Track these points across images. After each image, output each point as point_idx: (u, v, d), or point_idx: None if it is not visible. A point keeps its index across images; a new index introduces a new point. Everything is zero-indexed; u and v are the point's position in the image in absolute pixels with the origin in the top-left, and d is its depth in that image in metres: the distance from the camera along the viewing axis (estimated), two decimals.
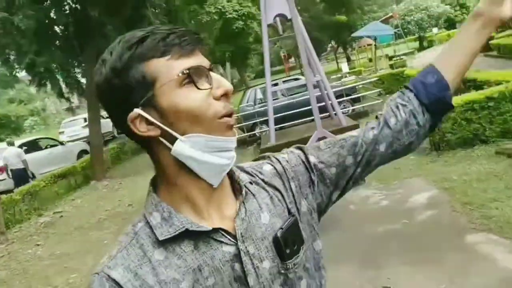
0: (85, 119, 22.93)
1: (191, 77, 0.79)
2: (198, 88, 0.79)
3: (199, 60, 0.81)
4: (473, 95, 7.10)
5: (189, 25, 20.94)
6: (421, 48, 33.51)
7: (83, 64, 15.07)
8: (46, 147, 16.08)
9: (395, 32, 33.22)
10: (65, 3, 13.56)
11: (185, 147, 0.80)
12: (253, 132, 13.49)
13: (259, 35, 11.25)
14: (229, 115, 0.83)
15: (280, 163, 0.99)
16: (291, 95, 13.69)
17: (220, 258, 0.83)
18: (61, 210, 10.78)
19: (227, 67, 36.79)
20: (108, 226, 8.38)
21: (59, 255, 7.41)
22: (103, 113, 15.96)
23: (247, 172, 0.95)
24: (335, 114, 11.12)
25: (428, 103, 0.99)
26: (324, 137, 5.08)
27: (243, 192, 0.89)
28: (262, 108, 12.82)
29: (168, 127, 0.80)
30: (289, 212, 0.93)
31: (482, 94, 6.97)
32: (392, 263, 4.31)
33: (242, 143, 13.21)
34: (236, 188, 0.91)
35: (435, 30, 39.95)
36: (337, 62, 36.26)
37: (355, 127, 10.71)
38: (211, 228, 0.82)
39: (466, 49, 1.02)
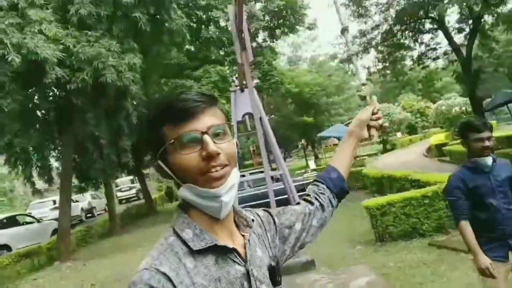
0: (54, 201, 23.08)
1: (180, 144, 1.03)
2: (183, 154, 1.02)
3: (195, 123, 1.04)
4: (411, 193, 8.06)
5: None
6: (384, 151, 35.48)
7: (59, 148, 15.69)
8: (23, 223, 16.76)
9: None
10: (50, 90, 14.46)
11: (186, 192, 1.06)
12: None
13: (232, 131, 12.23)
14: (212, 171, 1.02)
15: (259, 217, 1.29)
16: (257, 186, 14.50)
17: (234, 274, 1.04)
18: None
19: None
20: None
21: None
22: (74, 196, 16.36)
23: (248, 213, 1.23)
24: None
25: (336, 191, 1.46)
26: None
27: (250, 227, 1.17)
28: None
29: (175, 176, 1.06)
30: (272, 254, 1.21)
31: (419, 192, 7.94)
32: None
33: None
34: (241, 222, 1.17)
35: (398, 134, 42.52)
36: (306, 159, 37.80)
37: None
38: (231, 247, 1.06)
39: (347, 154, 1.52)
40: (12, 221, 16.60)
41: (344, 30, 1.70)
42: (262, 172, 15.24)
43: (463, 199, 2.96)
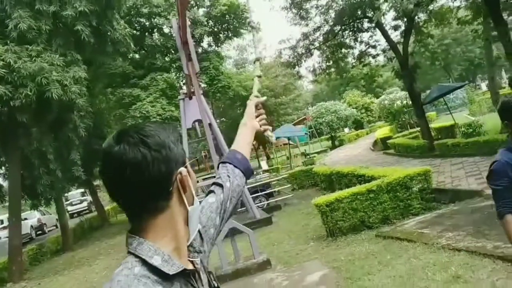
0: (1, 221, 22.27)
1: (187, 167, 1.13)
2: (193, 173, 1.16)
3: None
4: (356, 188, 8.52)
5: (114, 128, 21.80)
6: (333, 147, 36.52)
7: (6, 165, 15.22)
8: None
9: (310, 132, 36.13)
10: None
11: (196, 205, 1.13)
12: None
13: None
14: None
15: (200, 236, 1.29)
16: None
17: None
18: None
19: None
20: None
21: None
22: (22, 214, 15.89)
23: None
24: (251, 208, 12.23)
25: (243, 169, 1.55)
26: (235, 228, 6.18)
27: (199, 252, 1.22)
28: None
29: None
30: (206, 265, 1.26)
31: (364, 187, 8.41)
32: None
33: None
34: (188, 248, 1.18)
35: (346, 130, 43.84)
36: (258, 160, 38.17)
37: (268, 220, 11.84)
38: (195, 269, 1.13)
39: (246, 143, 1.64)
40: None
41: (256, 60, 1.92)
42: (214, 177, 15.47)
43: (510, 188, 2.48)
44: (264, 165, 28.71)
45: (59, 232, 19.63)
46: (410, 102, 21.83)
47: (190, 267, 1.12)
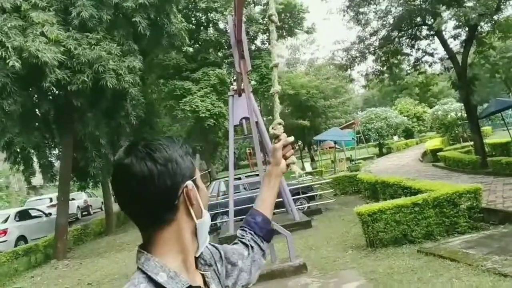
0: (50, 199, 23.27)
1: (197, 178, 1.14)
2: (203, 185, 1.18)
3: None
4: (401, 200, 8.29)
5: (164, 119, 22.27)
6: (380, 154, 35.76)
7: (60, 146, 15.87)
8: (34, 217, 17.77)
9: (357, 137, 35.56)
10: (50, 90, 14.65)
11: (206, 219, 1.13)
12: (214, 222, 14.23)
13: (228, 132, 12.54)
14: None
15: (211, 252, 1.28)
16: (252, 189, 14.70)
17: None
18: (19, 286, 10.99)
19: (197, 159, 38.04)
20: None
21: None
22: (70, 194, 16.56)
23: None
24: (291, 210, 12.19)
25: (263, 234, 1.49)
26: (275, 230, 6.17)
27: (210, 265, 1.22)
28: (224, 200, 13.68)
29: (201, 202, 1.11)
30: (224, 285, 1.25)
31: (409, 200, 8.16)
32: None
33: None
34: (199, 261, 1.19)
35: (395, 138, 42.84)
36: (302, 162, 38.00)
37: (308, 223, 11.74)
38: (201, 285, 1.12)
39: (269, 195, 1.53)
40: (25, 215, 17.75)
41: (274, 66, 1.83)
42: (257, 175, 15.51)
43: None
44: (308, 166, 28.58)
45: (103, 215, 20.32)
46: (465, 115, 21.03)
47: (199, 281, 1.13)
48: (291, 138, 1.57)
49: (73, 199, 22.96)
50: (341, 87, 36.66)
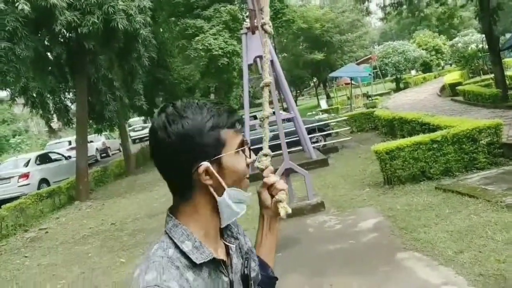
0: (69, 142, 23.67)
1: (244, 149, 1.11)
2: (246, 159, 1.11)
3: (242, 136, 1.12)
4: (420, 137, 8.17)
5: (177, 59, 21.97)
6: (397, 89, 35.16)
7: (74, 90, 15.90)
8: (54, 160, 18.35)
9: (374, 72, 34.86)
10: (61, 33, 14.45)
11: (226, 197, 1.07)
12: None
13: (242, 71, 12.35)
14: (248, 177, 1.14)
15: (237, 226, 1.26)
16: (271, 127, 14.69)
17: (222, 286, 1.07)
18: (46, 227, 11.40)
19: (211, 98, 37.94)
20: (92, 242, 9.09)
21: (46, 265, 8.10)
22: (88, 137, 16.79)
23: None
24: (307, 148, 12.18)
25: (263, 281, 1.29)
26: (291, 169, 6.18)
27: (236, 238, 1.20)
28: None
29: (223, 179, 1.06)
30: (243, 261, 1.19)
31: (427, 137, 8.04)
32: (335, 273, 5.21)
33: None
34: (226, 232, 1.18)
35: (413, 72, 41.90)
36: (318, 98, 37.65)
37: (324, 161, 11.77)
38: (222, 259, 1.10)
39: (266, 242, 1.34)
40: (46, 158, 18.28)
41: (265, 86, 1.55)
42: (273, 114, 15.43)
43: None
44: (324, 104, 28.37)
45: (122, 156, 20.67)
46: (486, 47, 20.31)
47: (221, 254, 1.12)
48: (272, 175, 1.31)
49: (91, 141, 23.33)
50: (358, 21, 35.48)
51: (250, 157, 1.13)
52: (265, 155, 1.38)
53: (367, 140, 13.99)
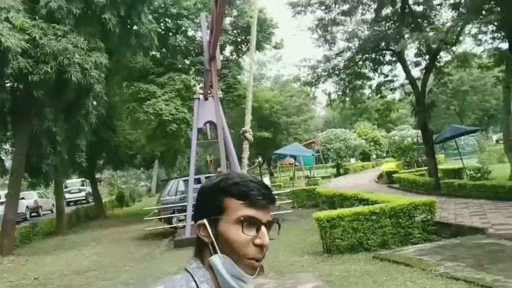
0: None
1: (243, 223, 1.08)
2: (243, 233, 1.08)
3: (262, 214, 1.10)
4: (359, 208, 8.47)
5: (124, 122, 21.87)
6: (338, 174, 36.38)
7: (12, 141, 15.30)
8: None
9: (317, 156, 36.06)
10: (9, 80, 14.12)
11: (218, 262, 1.09)
12: (172, 226, 14.02)
13: (190, 139, 12.47)
14: (257, 260, 1.10)
15: None
16: None
17: None
18: None
19: (155, 166, 37.44)
20: None
21: None
22: (21, 193, 15.93)
23: None
24: None
25: None
26: None
27: None
28: (182, 202, 13.53)
29: (216, 242, 1.09)
30: None
31: (367, 208, 8.35)
32: None
33: (157, 235, 13.69)
34: None
35: (353, 160, 43.73)
36: (261, 176, 38.09)
37: None
38: None
39: None
40: None
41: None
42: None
43: None
44: (266, 180, 28.65)
45: (53, 217, 19.63)
46: (421, 140, 21.77)
47: None
48: None
49: (22, 198, 22.07)
50: (304, 105, 37.20)
51: (260, 237, 1.09)
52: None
53: (307, 215, 14.15)
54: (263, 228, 1.09)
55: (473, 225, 8.80)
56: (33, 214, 25.41)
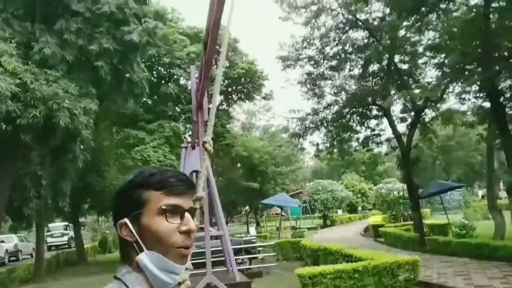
0: None
1: (166, 212, 1.06)
2: (167, 221, 1.06)
3: (184, 201, 1.10)
4: (342, 265, 8.39)
5: (112, 167, 21.77)
6: (324, 225, 36.15)
7: None
8: None
9: (304, 207, 35.96)
10: None
11: (145, 259, 1.06)
12: None
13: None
14: (186, 247, 1.08)
15: None
16: (196, 242, 14.39)
17: None
18: None
19: None
20: None
21: None
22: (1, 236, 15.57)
23: None
24: (232, 269, 11.95)
25: None
26: (212, 284, 6.08)
27: None
28: None
29: (140, 239, 1.06)
30: None
31: (350, 266, 8.28)
32: None
33: None
34: None
35: (339, 211, 43.64)
36: (248, 225, 37.72)
37: (247, 285, 11.51)
38: None
39: None
40: None
41: (197, 200, 1.81)
42: (201, 228, 15.24)
43: None
44: (252, 230, 28.32)
45: (33, 262, 19.10)
46: (407, 195, 21.90)
47: None
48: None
49: (2, 241, 21.57)
50: (293, 155, 37.49)
51: (185, 224, 1.08)
52: (187, 268, 1.40)
53: (292, 269, 13.81)
54: (187, 214, 1.08)
55: (457, 286, 8.73)
56: (12, 258, 24.74)
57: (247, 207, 41.64)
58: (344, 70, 20.98)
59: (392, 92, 18.51)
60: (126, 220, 1.08)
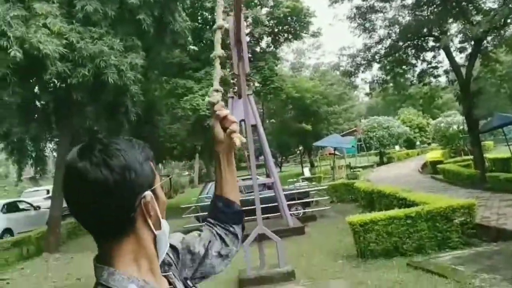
0: (47, 191, 23.22)
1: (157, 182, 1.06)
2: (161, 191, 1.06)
3: None
4: (394, 212, 8.21)
5: (165, 116, 22.20)
6: (381, 163, 35.64)
7: (57, 139, 15.84)
8: (22, 210, 17.80)
9: (359, 145, 35.45)
10: (51, 82, 14.59)
11: (166, 229, 1.05)
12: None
13: None
14: None
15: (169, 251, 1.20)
16: (248, 192, 14.62)
17: None
18: (8, 277, 10.93)
19: (196, 159, 37.94)
20: None
21: None
22: None
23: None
24: (285, 215, 12.11)
25: (229, 219, 1.37)
26: (263, 234, 6.08)
27: (171, 265, 1.19)
28: None
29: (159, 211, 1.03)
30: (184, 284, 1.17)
31: (402, 212, 8.08)
32: None
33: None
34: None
35: (397, 147, 42.71)
36: (302, 166, 37.91)
37: (301, 229, 11.64)
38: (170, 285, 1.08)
39: (224, 173, 1.37)
40: (13, 207, 17.66)
41: (218, 29, 1.71)
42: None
43: None
44: (307, 172, 28.50)
45: None
46: (467, 128, 20.94)
47: (165, 285, 1.07)
48: (223, 108, 1.34)
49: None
50: (345, 94, 36.58)
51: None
52: (216, 90, 1.49)
53: (346, 211, 13.91)
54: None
55: None
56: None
57: (300, 148, 41.64)
58: (396, 0, 19.69)
59: (450, 20, 17.20)
60: (151, 193, 0.99)
